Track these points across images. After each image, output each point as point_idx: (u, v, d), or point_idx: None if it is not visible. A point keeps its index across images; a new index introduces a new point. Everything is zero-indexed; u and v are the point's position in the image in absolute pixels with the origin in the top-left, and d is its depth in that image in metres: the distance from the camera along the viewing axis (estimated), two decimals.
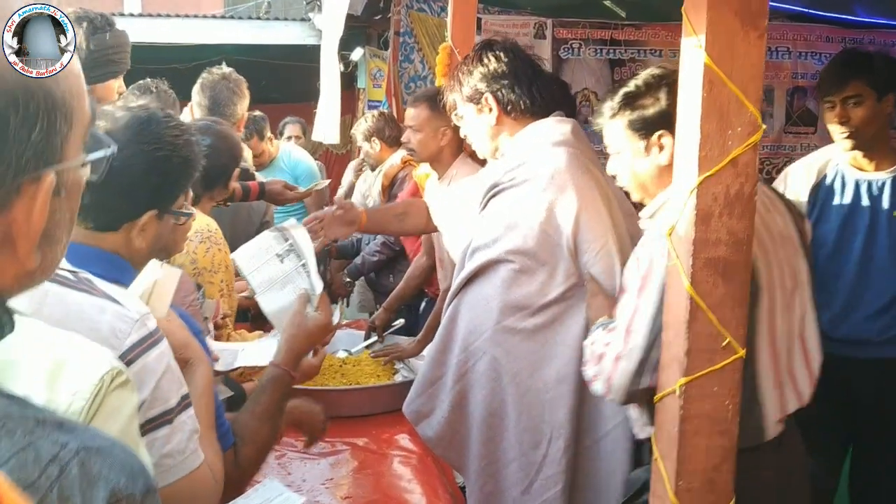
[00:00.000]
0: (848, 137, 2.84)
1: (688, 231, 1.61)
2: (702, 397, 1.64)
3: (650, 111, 1.96)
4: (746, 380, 1.77)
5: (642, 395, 1.84)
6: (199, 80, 3.63)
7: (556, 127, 2.38)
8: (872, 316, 2.87)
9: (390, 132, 4.53)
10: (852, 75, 2.82)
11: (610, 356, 1.85)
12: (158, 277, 1.47)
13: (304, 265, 2.04)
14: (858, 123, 2.82)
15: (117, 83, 3.03)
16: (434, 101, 3.16)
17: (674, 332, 1.67)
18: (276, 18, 8.28)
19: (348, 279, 4.69)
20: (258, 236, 2.14)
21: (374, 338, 3.58)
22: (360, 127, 4.60)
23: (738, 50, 1.56)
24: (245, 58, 8.90)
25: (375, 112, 4.73)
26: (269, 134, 5.09)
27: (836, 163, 2.97)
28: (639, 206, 2.11)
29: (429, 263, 3.82)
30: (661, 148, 1.95)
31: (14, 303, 0.78)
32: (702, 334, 1.62)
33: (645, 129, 1.97)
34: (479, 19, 5.70)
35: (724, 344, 1.62)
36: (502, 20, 6.23)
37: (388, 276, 4.46)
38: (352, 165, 6.18)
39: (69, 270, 1.29)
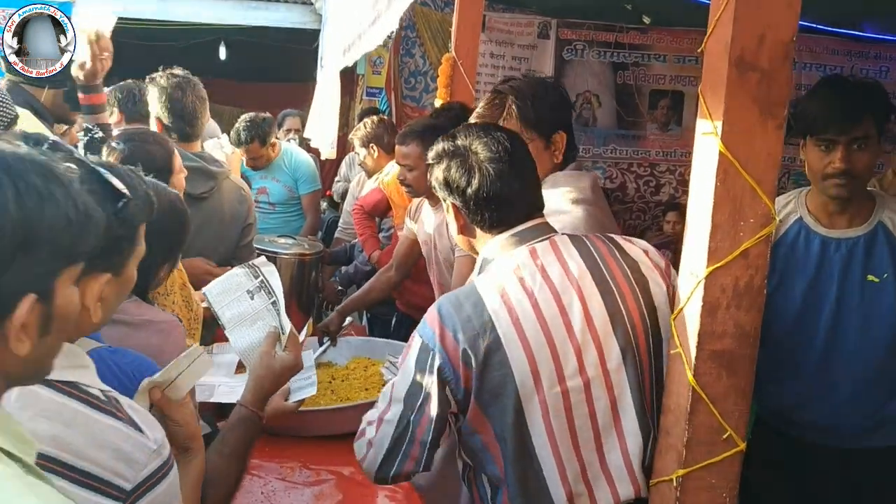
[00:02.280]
0: (844, 186, 2.34)
1: (693, 322, 1.56)
2: (698, 489, 1.61)
3: (439, 177, 1.93)
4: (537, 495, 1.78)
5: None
6: (160, 92, 3.40)
7: (574, 182, 2.30)
8: (847, 401, 2.44)
9: (389, 139, 4.45)
10: (865, 111, 2.30)
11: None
12: (192, 364, 1.51)
13: (273, 303, 2.02)
14: (862, 170, 2.32)
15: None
16: (423, 137, 3.13)
17: (673, 421, 1.63)
18: (277, 0, 8.18)
19: (340, 287, 4.64)
20: (229, 272, 2.13)
21: (328, 342, 3.55)
22: (359, 133, 4.53)
23: (755, 139, 1.51)
24: (242, 38, 8.79)
25: (375, 118, 4.64)
26: (272, 139, 4.99)
27: (798, 216, 2.49)
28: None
29: (395, 279, 3.78)
30: (454, 214, 1.95)
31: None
32: (702, 426, 1.58)
33: (441, 192, 1.96)
34: (483, 16, 5.65)
35: (724, 437, 1.58)
36: (507, 18, 6.15)
37: None
38: (346, 161, 6.13)
39: (100, 389, 1.31)
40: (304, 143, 6.03)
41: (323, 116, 4.70)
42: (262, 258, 2.20)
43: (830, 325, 2.42)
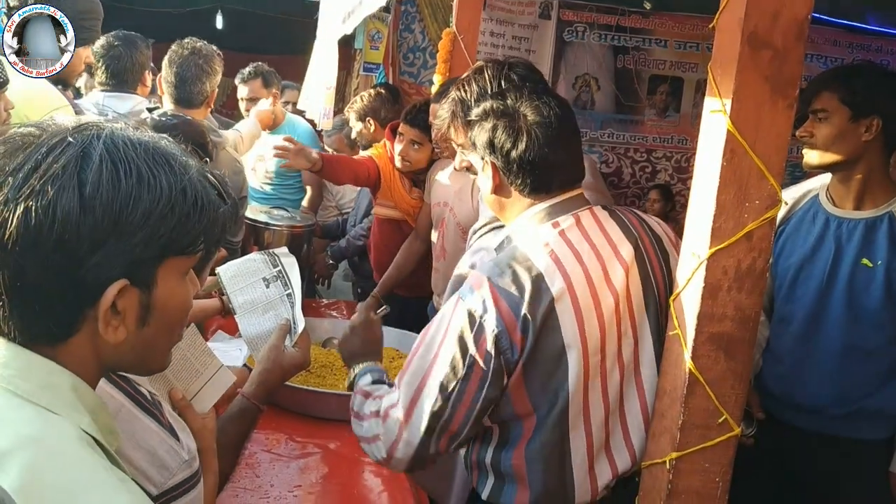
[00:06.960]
0: (807, 153, 2.48)
1: (693, 303, 1.54)
2: (692, 472, 1.59)
3: (483, 136, 1.82)
4: (557, 460, 1.72)
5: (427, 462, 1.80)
6: (168, 53, 3.51)
7: None
8: (824, 381, 2.47)
9: (386, 113, 4.40)
10: (824, 87, 2.44)
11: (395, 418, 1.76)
12: (214, 377, 1.50)
13: (289, 295, 1.96)
14: (822, 141, 2.42)
15: (85, 53, 3.03)
16: None
17: (669, 403, 1.61)
18: None
19: (331, 261, 4.60)
20: (247, 256, 2.05)
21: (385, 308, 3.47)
22: (355, 105, 4.47)
23: (764, 119, 1.47)
24: (240, 7, 8.68)
25: (372, 91, 4.59)
26: (274, 89, 4.91)
27: (817, 193, 2.58)
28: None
29: (423, 248, 3.71)
30: (491, 173, 1.84)
31: None
32: (698, 409, 1.56)
33: (480, 151, 1.85)
34: None
35: (720, 420, 1.56)
36: None
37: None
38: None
39: (148, 390, 1.31)
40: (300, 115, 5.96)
41: (317, 86, 4.64)
42: (284, 248, 2.13)
43: (817, 301, 2.45)
